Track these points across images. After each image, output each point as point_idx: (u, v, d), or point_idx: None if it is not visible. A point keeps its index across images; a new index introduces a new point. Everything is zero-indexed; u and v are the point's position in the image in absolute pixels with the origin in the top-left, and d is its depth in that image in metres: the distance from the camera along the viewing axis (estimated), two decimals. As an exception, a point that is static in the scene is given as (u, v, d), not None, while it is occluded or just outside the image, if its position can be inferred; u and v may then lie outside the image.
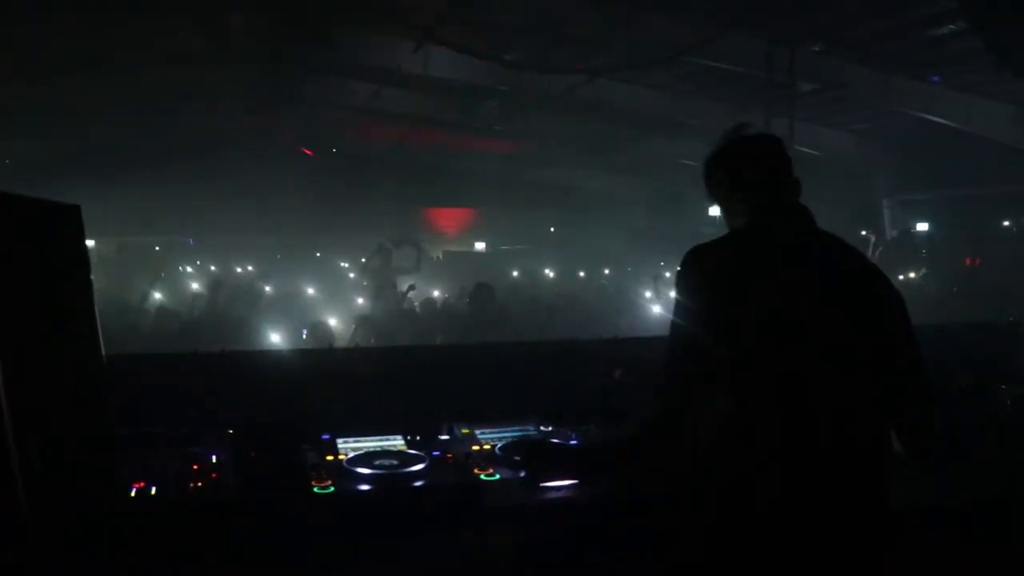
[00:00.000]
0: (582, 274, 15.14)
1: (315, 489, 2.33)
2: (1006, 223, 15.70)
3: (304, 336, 7.90)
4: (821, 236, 2.22)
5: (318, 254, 17.24)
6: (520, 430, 2.95)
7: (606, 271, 15.52)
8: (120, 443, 2.28)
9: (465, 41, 11.78)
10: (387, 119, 15.88)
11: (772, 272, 2.13)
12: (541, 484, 2.49)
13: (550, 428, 2.98)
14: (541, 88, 14.12)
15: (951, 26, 11.12)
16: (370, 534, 2.34)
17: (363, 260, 12.78)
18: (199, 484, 2.35)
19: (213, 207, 16.33)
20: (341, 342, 7.81)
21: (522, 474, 2.54)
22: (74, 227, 1.92)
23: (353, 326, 8.26)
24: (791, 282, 2.11)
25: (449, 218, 19.71)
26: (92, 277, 1.95)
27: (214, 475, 2.42)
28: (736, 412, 2.11)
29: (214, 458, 2.57)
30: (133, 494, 2.27)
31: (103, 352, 1.98)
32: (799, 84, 12.71)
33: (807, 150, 15.64)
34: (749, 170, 2.29)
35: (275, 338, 7.53)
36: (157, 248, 18.24)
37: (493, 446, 2.72)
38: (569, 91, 14.15)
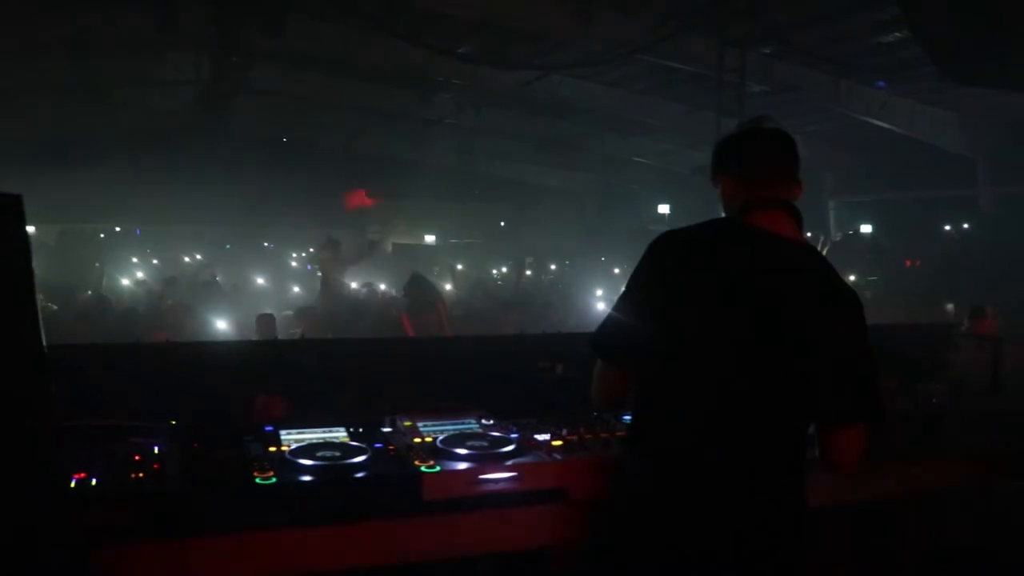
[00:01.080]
0: (529, 273, 15.25)
1: (257, 480, 2.36)
2: (947, 227, 16.11)
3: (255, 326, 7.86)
4: (795, 245, 2.22)
5: (266, 244, 17.11)
6: (462, 423, 3.00)
7: (552, 267, 15.63)
8: (61, 434, 2.28)
9: (419, 33, 11.79)
10: (339, 109, 15.79)
11: (729, 269, 2.16)
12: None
13: (491, 422, 3.03)
14: (495, 83, 14.16)
15: (897, 33, 11.41)
16: (312, 524, 2.38)
17: (311, 251, 12.70)
18: (141, 475, 2.36)
19: (161, 196, 16.08)
20: (287, 334, 7.79)
21: None
22: (14, 217, 1.92)
23: (296, 319, 8.22)
24: (744, 282, 2.14)
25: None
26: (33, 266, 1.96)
27: (156, 466, 2.43)
28: (648, 410, 2.21)
29: (156, 449, 2.57)
30: (73, 485, 2.27)
31: (44, 342, 1.98)
32: (751, 85, 12.92)
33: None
34: (752, 164, 2.31)
35: (222, 327, 7.48)
36: (102, 235, 17.94)
37: (435, 438, 2.76)
38: (523, 86, 14.22)
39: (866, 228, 17.20)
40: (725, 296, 2.13)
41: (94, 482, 2.30)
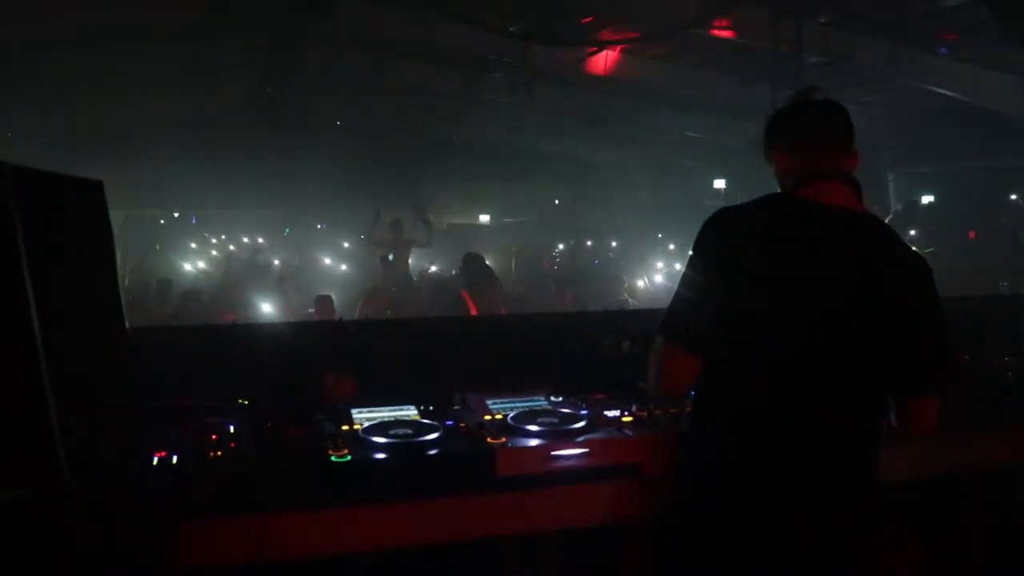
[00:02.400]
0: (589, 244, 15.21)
1: (332, 458, 2.39)
2: (1013, 196, 15.65)
3: (312, 311, 7.96)
4: (857, 215, 2.19)
5: (319, 226, 17.28)
6: (531, 400, 3.01)
7: (613, 243, 15.56)
8: (142, 414, 2.34)
9: (470, 12, 11.75)
10: (390, 91, 15.84)
11: (795, 247, 2.13)
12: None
13: (560, 399, 3.04)
14: (547, 60, 14.06)
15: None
16: (386, 501, 2.40)
17: (370, 232, 12.76)
18: (218, 453, 2.41)
19: (217, 181, 16.33)
20: (350, 315, 7.88)
21: None
22: (98, 202, 1.96)
23: (360, 301, 8.31)
24: (813, 260, 2.11)
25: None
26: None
27: (232, 444, 2.48)
28: (724, 388, 2.17)
29: (231, 428, 2.62)
30: (155, 463, 2.32)
31: (127, 327, 2.03)
32: (806, 56, 12.66)
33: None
34: (805, 135, 2.28)
35: (267, 309, 7.56)
36: (162, 222, 18.30)
37: (505, 415, 2.77)
38: (575, 64, 14.10)
39: (927, 199, 16.80)
40: (793, 272, 2.11)
41: (174, 460, 2.36)
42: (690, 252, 2.23)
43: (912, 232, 14.82)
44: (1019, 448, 3.27)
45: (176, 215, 18.96)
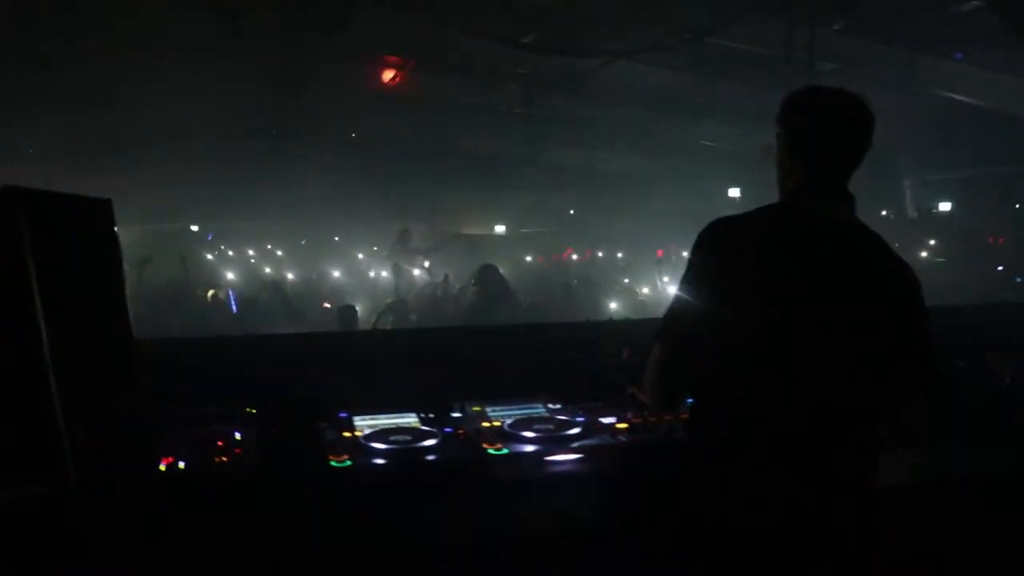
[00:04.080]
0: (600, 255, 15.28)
1: (332, 463, 2.48)
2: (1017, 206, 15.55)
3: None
4: (853, 227, 2.22)
5: (336, 239, 17.41)
6: (529, 408, 3.08)
7: (619, 254, 15.61)
8: (150, 421, 2.45)
9: (483, 23, 11.87)
10: (406, 103, 15.96)
11: (791, 259, 2.16)
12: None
13: (559, 406, 3.11)
14: (561, 70, 14.14)
15: (975, 2, 11.04)
16: (385, 504, 2.48)
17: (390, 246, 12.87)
18: (224, 459, 2.50)
19: (233, 194, 16.49)
20: (364, 325, 7.97)
21: None
22: (106, 219, 2.06)
23: (377, 314, 8.41)
24: (807, 272, 2.14)
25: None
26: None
27: (238, 451, 2.57)
28: (722, 397, 2.20)
29: (238, 435, 2.71)
30: (163, 468, 2.42)
31: (134, 337, 2.12)
32: (822, 64, 12.67)
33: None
34: (820, 146, 2.22)
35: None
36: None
37: (503, 423, 2.85)
38: (589, 73, 14.17)
39: (945, 206, 16.72)
40: (789, 282, 2.14)
41: (181, 465, 2.45)
42: (687, 260, 2.25)
43: (931, 242, 14.78)
44: (1011, 456, 3.31)
45: (194, 228, 19.16)
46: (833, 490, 2.14)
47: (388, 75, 13.55)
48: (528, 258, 14.84)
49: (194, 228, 19.24)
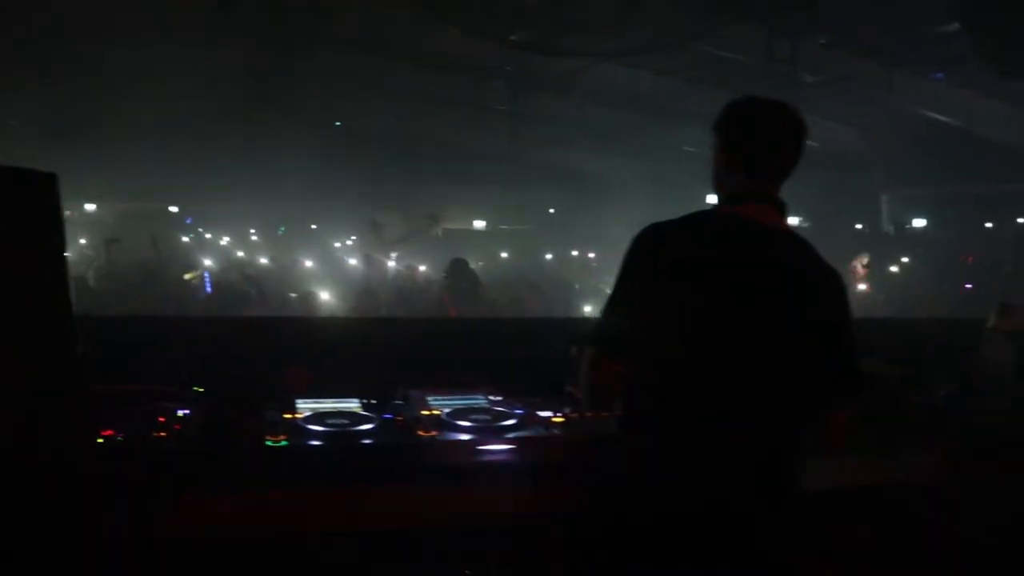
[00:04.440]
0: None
1: (268, 442, 2.54)
2: (988, 224, 15.78)
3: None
4: (784, 234, 2.26)
5: (313, 227, 17.43)
6: (470, 398, 3.15)
7: (591, 255, 15.72)
8: (91, 395, 2.51)
9: (471, 20, 11.91)
10: (391, 95, 16.00)
11: (722, 265, 2.18)
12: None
13: (499, 398, 3.18)
14: (547, 70, 14.21)
15: (956, 24, 11.18)
16: (320, 486, 2.55)
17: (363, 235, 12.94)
18: (163, 434, 2.56)
19: (213, 178, 16.47)
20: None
21: None
22: (51, 194, 2.11)
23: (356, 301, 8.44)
24: (737, 278, 2.17)
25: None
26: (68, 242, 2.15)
27: (177, 427, 2.63)
28: (648, 398, 2.23)
29: (180, 413, 2.77)
30: (101, 440, 2.48)
31: (72, 310, 2.17)
32: (802, 75, 12.79)
33: (808, 142, 15.72)
34: (757, 156, 2.27)
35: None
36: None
37: (441, 411, 2.92)
38: (575, 74, 14.24)
39: (919, 222, 16.94)
40: (720, 286, 2.17)
41: (120, 438, 2.51)
42: (621, 265, 2.27)
43: (904, 259, 14.96)
44: (944, 466, 3.40)
45: (174, 209, 19.12)
46: (755, 493, 2.18)
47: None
48: (504, 254, 14.88)
49: (173, 209, 19.18)
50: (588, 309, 8.60)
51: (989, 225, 15.86)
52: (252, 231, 18.00)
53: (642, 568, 2.17)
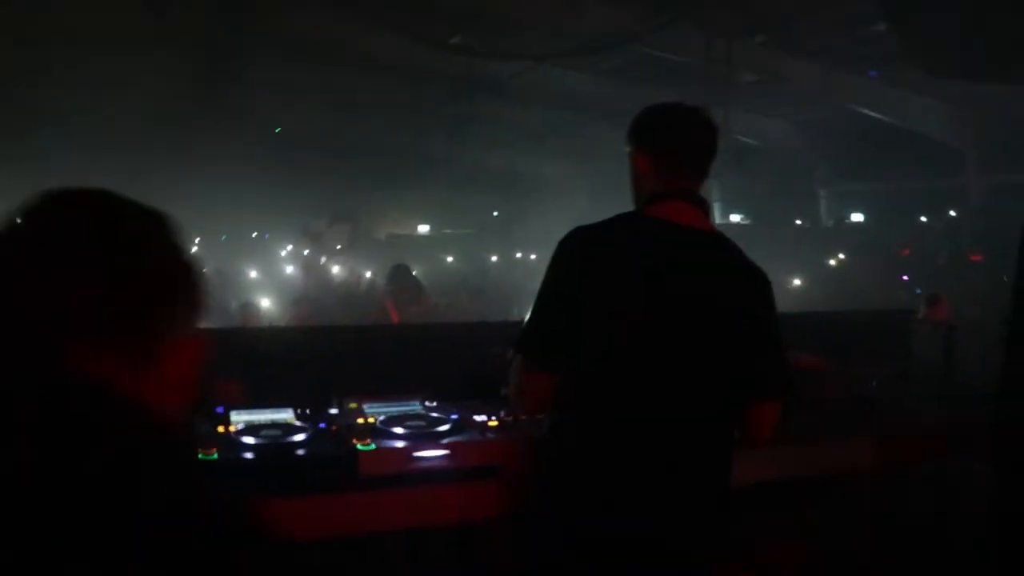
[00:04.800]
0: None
1: (199, 456, 2.49)
2: (925, 217, 16.20)
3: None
4: (706, 233, 2.29)
5: (254, 235, 17.24)
6: (406, 405, 3.13)
7: (532, 256, 15.80)
8: None
9: (412, 24, 11.88)
10: (332, 100, 15.88)
11: (649, 267, 2.20)
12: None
13: (435, 404, 3.17)
14: (487, 73, 14.21)
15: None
16: (255, 498, 2.50)
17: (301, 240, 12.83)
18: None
19: (154, 186, 16.17)
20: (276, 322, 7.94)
21: None
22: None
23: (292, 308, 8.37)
24: (664, 279, 2.19)
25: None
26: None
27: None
28: (575, 402, 2.23)
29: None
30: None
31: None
32: (740, 74, 12.97)
33: (747, 139, 15.96)
34: (676, 152, 2.30)
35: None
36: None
37: (376, 419, 2.90)
38: (516, 76, 14.27)
39: (857, 217, 17.29)
40: (647, 289, 2.19)
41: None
42: (547, 269, 2.27)
43: (841, 256, 15.26)
44: (879, 452, 3.48)
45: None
46: (688, 494, 2.21)
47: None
48: (449, 258, 14.86)
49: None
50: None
51: (924, 219, 16.25)
52: (196, 240, 17.69)
53: (586, 570, 2.18)
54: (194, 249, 16.07)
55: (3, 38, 11.44)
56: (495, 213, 20.97)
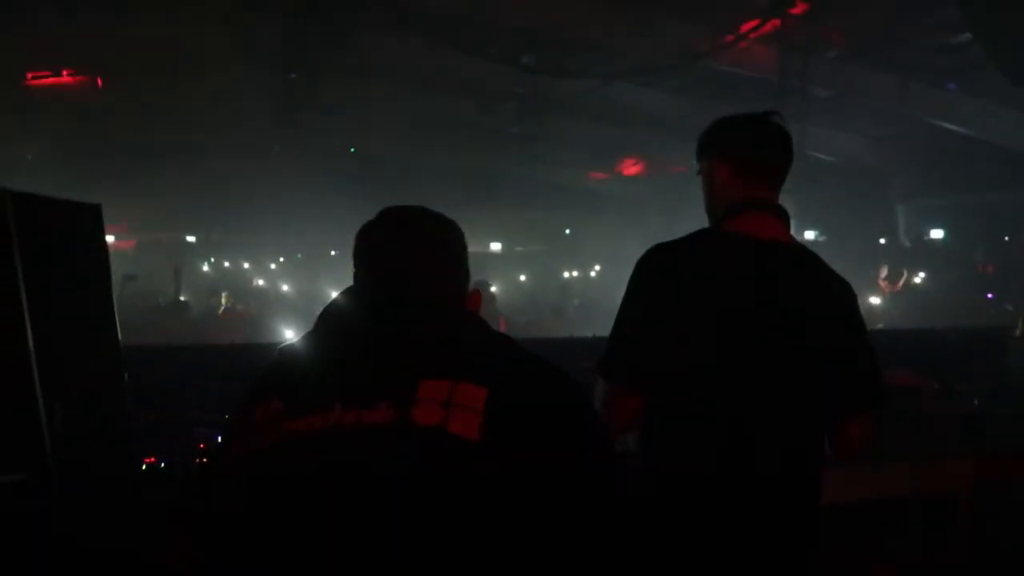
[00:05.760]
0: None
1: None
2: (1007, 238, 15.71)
3: None
4: (792, 247, 2.24)
5: (333, 252, 17.52)
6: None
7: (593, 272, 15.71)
8: (143, 427, 2.55)
9: (481, 44, 12.01)
10: (403, 121, 16.09)
11: (738, 283, 2.15)
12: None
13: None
14: (557, 92, 14.27)
15: (968, 33, 11.18)
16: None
17: None
18: (204, 460, 2.59)
19: (230, 207, 16.60)
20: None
21: None
22: (95, 224, 2.15)
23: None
24: (755, 296, 2.14)
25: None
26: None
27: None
28: (674, 421, 2.16)
29: (219, 439, 2.79)
30: (144, 467, 2.51)
31: (119, 339, 2.21)
32: (815, 90, 12.79)
33: (822, 156, 15.72)
34: (753, 159, 2.25)
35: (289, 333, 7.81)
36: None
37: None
38: (585, 95, 14.30)
39: (937, 233, 16.83)
40: (740, 307, 2.14)
41: (162, 465, 2.54)
42: (628, 290, 2.20)
43: (922, 274, 14.90)
44: (979, 472, 3.40)
45: (190, 239, 19.26)
46: (785, 508, 2.16)
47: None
48: (522, 277, 14.86)
49: (190, 239, 19.33)
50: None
51: (1007, 239, 15.77)
52: (272, 265, 18.09)
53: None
54: (273, 267, 16.46)
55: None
56: (567, 231, 20.97)
